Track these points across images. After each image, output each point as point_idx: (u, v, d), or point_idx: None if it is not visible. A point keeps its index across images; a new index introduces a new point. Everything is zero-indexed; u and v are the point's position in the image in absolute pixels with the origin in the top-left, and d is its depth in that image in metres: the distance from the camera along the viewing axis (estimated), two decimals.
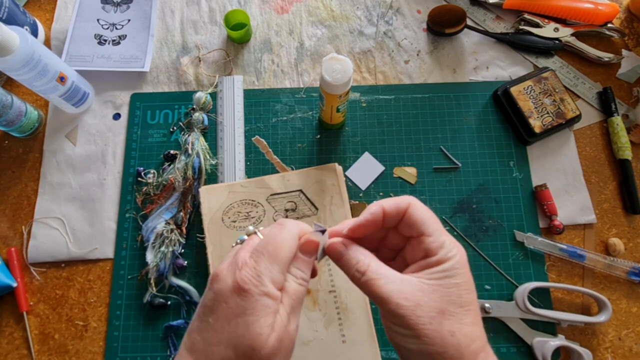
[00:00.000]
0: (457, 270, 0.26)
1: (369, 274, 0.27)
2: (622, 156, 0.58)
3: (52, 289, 0.54)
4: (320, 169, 0.56)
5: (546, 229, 0.56)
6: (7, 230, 0.56)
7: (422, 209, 0.28)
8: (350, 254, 0.28)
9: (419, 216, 0.28)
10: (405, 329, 0.25)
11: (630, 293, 0.54)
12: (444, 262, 0.26)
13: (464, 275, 0.26)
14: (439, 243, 0.27)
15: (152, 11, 0.65)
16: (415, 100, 0.61)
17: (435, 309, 0.25)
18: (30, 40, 0.49)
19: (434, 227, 0.28)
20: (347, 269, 0.28)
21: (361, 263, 0.27)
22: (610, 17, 0.61)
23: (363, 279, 0.27)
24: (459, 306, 0.25)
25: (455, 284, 0.26)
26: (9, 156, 0.59)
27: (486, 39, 0.64)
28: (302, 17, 0.66)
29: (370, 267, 0.27)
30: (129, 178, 0.58)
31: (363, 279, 0.27)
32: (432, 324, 0.25)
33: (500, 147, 0.59)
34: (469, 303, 0.26)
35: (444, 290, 0.26)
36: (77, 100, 0.58)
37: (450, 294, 0.26)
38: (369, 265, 0.27)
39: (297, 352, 0.50)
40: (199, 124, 0.58)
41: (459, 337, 0.25)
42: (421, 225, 0.28)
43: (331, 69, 0.46)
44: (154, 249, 0.53)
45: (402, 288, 0.26)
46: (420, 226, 0.28)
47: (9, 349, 0.52)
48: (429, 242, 0.27)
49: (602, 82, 0.62)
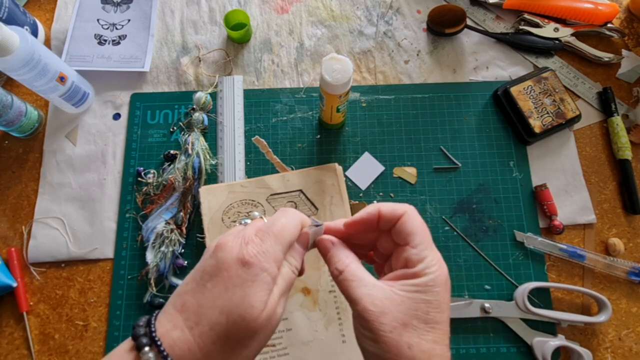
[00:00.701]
0: (430, 288, 0.27)
1: (345, 274, 0.28)
2: (622, 156, 0.58)
3: (52, 289, 0.54)
4: (320, 169, 0.56)
5: (546, 229, 0.56)
6: (7, 230, 0.56)
7: (415, 220, 0.29)
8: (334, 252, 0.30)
9: (410, 226, 0.29)
10: (368, 332, 0.26)
11: (630, 293, 0.54)
12: (420, 276, 0.27)
13: (437, 294, 0.27)
14: (420, 257, 0.28)
15: (152, 11, 0.65)
16: (415, 100, 0.61)
17: (398, 319, 0.26)
18: (30, 40, 0.49)
19: (420, 240, 0.28)
20: (329, 264, 0.30)
21: (341, 262, 0.29)
22: (610, 17, 0.61)
23: (340, 278, 0.28)
24: (422, 322, 0.26)
25: (424, 300, 0.26)
26: (9, 156, 0.59)
27: (486, 39, 0.64)
28: (302, 17, 0.66)
29: (349, 269, 0.28)
30: (129, 178, 0.58)
31: (340, 277, 0.28)
32: (393, 332, 0.26)
33: (500, 147, 0.59)
34: (435, 322, 0.26)
35: (411, 304, 0.26)
36: (77, 100, 0.58)
37: (417, 309, 0.26)
38: (348, 266, 0.28)
39: (297, 352, 0.50)
40: (199, 124, 0.58)
41: (415, 351, 0.25)
42: (408, 235, 0.29)
43: (331, 69, 0.46)
44: (154, 249, 0.53)
45: (372, 293, 0.27)
46: (407, 236, 0.29)
47: (9, 349, 0.52)
48: (411, 253, 0.28)
49: (602, 82, 0.62)
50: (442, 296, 0.27)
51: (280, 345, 0.50)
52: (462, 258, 0.55)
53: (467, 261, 0.54)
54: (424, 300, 0.26)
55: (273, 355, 0.50)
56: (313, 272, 0.52)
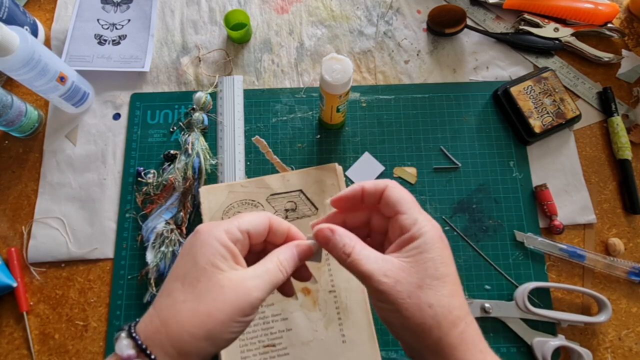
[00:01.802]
0: (430, 245, 0.28)
1: (353, 255, 0.29)
2: (622, 156, 0.58)
3: (52, 289, 0.54)
4: (320, 169, 0.56)
5: (546, 229, 0.56)
6: (7, 230, 0.56)
7: (398, 190, 0.30)
8: (337, 239, 0.30)
9: (395, 196, 0.30)
10: (388, 303, 0.27)
11: (630, 293, 0.54)
12: (417, 238, 0.28)
13: (438, 249, 0.28)
14: (412, 220, 0.29)
15: (152, 11, 0.65)
16: (415, 100, 0.61)
17: (412, 284, 0.27)
18: (30, 40, 0.49)
19: (408, 205, 0.30)
20: (335, 251, 0.30)
21: (347, 246, 0.29)
22: (610, 17, 0.61)
23: (348, 260, 0.29)
24: (435, 279, 0.27)
25: (430, 258, 0.28)
26: (9, 156, 0.59)
27: (486, 39, 0.64)
28: (302, 17, 0.66)
29: (355, 249, 0.29)
30: (129, 178, 0.58)
31: (348, 260, 0.29)
32: (411, 297, 0.27)
33: (500, 147, 0.59)
34: (445, 275, 0.28)
35: (420, 265, 0.27)
36: (77, 100, 0.58)
37: (427, 268, 0.27)
38: (354, 248, 0.29)
39: (297, 352, 0.50)
40: (199, 124, 0.58)
41: (436, 308, 0.26)
42: (396, 204, 0.30)
43: (331, 69, 0.46)
44: (154, 249, 0.53)
45: (382, 266, 0.28)
46: (395, 205, 0.30)
47: (9, 349, 0.52)
48: (403, 219, 0.29)
49: (602, 82, 0.62)
50: (443, 250, 0.28)
51: (280, 345, 0.50)
52: (462, 258, 0.55)
53: (467, 261, 0.54)
54: (430, 258, 0.28)
55: (273, 355, 0.50)
56: (313, 272, 0.52)
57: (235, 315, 0.26)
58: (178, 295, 0.27)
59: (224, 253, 0.28)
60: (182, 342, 0.25)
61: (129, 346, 0.25)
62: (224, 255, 0.28)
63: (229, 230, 0.29)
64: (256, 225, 0.30)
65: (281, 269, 0.29)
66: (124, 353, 0.24)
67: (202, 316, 0.26)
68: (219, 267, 0.27)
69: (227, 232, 0.29)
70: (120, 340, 0.25)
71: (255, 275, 0.28)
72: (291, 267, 0.30)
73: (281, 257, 0.30)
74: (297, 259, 0.31)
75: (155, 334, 0.25)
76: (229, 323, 0.26)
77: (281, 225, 0.32)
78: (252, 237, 0.30)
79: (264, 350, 0.50)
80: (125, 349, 0.25)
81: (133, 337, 0.25)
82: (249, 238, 0.30)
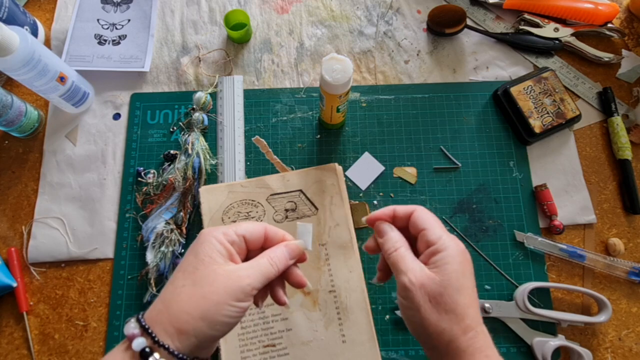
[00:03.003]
0: (452, 258, 0.32)
1: (398, 252, 0.34)
2: (622, 156, 0.58)
3: (52, 289, 0.54)
4: (320, 169, 0.56)
5: (546, 229, 0.56)
6: (7, 230, 0.56)
7: (426, 212, 0.35)
8: (391, 234, 0.35)
9: (422, 217, 0.35)
10: (410, 301, 0.32)
11: (630, 293, 0.54)
12: (441, 251, 0.32)
13: (460, 263, 0.32)
14: (437, 236, 0.33)
15: (152, 11, 0.65)
16: (415, 100, 0.61)
17: (435, 290, 0.31)
18: (30, 40, 0.49)
19: (433, 224, 0.34)
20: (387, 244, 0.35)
21: (397, 242, 0.35)
22: (610, 17, 0.61)
23: (393, 254, 0.34)
24: (455, 289, 0.31)
25: (453, 270, 0.31)
26: (9, 156, 0.59)
27: (486, 39, 0.64)
28: (302, 17, 0.66)
29: (401, 249, 0.34)
30: (129, 178, 0.58)
31: (394, 254, 0.34)
32: (431, 301, 0.31)
33: (500, 147, 0.59)
34: (464, 287, 0.31)
35: (444, 275, 0.31)
36: (77, 100, 0.58)
37: (450, 279, 0.31)
38: (401, 247, 0.34)
39: (297, 352, 0.50)
40: (199, 124, 0.58)
41: (451, 314, 0.31)
42: (423, 223, 0.34)
43: (331, 69, 0.46)
44: (154, 249, 0.53)
45: (416, 268, 0.32)
46: (422, 223, 0.34)
47: (9, 349, 0.52)
48: (429, 234, 0.33)
49: (602, 82, 0.62)
50: (464, 265, 0.32)
51: (280, 345, 0.50)
52: None
53: None
54: (452, 270, 0.31)
55: (273, 355, 0.50)
56: (313, 272, 0.52)
57: (228, 298, 0.29)
58: (179, 282, 0.30)
59: (221, 250, 0.31)
60: (181, 321, 0.28)
61: (135, 327, 0.29)
62: (220, 252, 0.31)
63: (226, 232, 0.33)
64: (252, 231, 0.34)
65: (272, 263, 0.33)
66: (129, 332, 0.29)
67: (198, 297, 0.29)
68: (215, 260, 0.31)
69: (225, 233, 0.32)
70: (129, 323, 0.29)
71: (248, 267, 0.32)
72: (282, 263, 0.33)
73: (272, 254, 0.33)
74: (287, 256, 0.34)
75: (158, 315, 0.29)
76: (222, 305, 0.29)
77: (277, 233, 0.35)
78: (249, 242, 0.34)
79: (264, 350, 0.50)
80: (131, 329, 0.29)
81: (139, 319, 0.29)
82: (245, 242, 0.33)
